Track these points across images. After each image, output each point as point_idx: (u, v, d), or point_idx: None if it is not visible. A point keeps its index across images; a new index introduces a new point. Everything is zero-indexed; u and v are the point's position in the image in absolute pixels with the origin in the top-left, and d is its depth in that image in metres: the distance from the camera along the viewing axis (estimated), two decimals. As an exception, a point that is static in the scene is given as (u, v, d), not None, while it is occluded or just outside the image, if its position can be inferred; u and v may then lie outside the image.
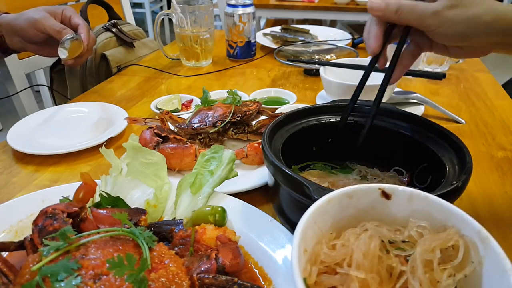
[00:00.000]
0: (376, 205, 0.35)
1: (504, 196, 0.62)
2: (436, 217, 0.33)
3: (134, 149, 0.56)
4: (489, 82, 1.05)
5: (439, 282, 0.29)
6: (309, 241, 0.32)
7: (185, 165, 0.64)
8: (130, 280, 0.35)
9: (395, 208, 0.35)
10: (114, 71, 1.14)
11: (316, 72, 1.07)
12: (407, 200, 0.35)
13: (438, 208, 0.33)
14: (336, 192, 0.35)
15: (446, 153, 0.50)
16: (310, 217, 0.32)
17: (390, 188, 0.35)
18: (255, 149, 0.65)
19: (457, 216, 0.32)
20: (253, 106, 0.74)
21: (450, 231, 0.32)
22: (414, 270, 0.29)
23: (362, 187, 0.35)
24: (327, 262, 0.31)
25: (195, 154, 0.63)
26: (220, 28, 1.89)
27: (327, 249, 0.32)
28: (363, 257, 0.30)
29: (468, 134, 0.80)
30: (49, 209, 0.43)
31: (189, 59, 1.18)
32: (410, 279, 0.29)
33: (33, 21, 0.84)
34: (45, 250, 0.37)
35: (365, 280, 0.29)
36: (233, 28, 1.16)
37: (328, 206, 0.34)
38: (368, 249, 0.30)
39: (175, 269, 0.38)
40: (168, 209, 0.53)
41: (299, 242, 0.30)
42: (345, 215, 0.35)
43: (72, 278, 0.34)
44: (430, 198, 0.34)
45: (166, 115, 0.75)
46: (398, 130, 0.57)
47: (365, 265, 0.30)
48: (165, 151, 0.63)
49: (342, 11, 2.26)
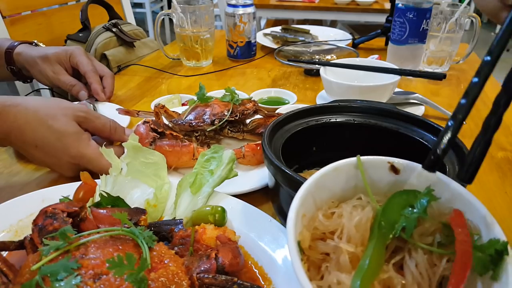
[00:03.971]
0: (383, 178, 0.34)
1: (504, 196, 0.62)
2: (444, 197, 0.32)
3: (134, 149, 0.56)
4: (489, 83, 1.04)
5: (436, 266, 0.28)
6: (309, 207, 0.32)
7: (182, 163, 0.63)
8: (130, 280, 0.35)
9: (402, 184, 0.34)
10: (114, 71, 1.14)
11: (316, 72, 1.07)
12: (416, 176, 0.33)
13: (446, 188, 0.32)
14: (343, 161, 0.34)
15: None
16: (312, 184, 0.32)
17: (399, 162, 0.34)
18: (253, 150, 0.65)
19: (465, 198, 0.31)
20: (250, 105, 0.74)
21: None
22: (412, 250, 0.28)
23: (371, 159, 0.34)
24: (320, 229, 0.31)
25: (193, 153, 0.63)
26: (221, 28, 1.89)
27: (323, 217, 0.31)
28: (355, 230, 0.29)
29: (468, 134, 0.80)
30: (49, 209, 0.43)
31: (190, 59, 1.18)
32: (407, 258, 0.28)
33: (46, 77, 0.86)
34: (45, 249, 0.37)
35: (355, 253, 0.28)
36: (233, 28, 1.16)
37: (334, 174, 0.33)
38: (360, 222, 0.30)
39: (175, 269, 0.38)
40: (168, 209, 0.53)
41: (298, 205, 0.30)
42: (351, 185, 0.34)
43: (72, 278, 0.34)
44: (439, 176, 0.33)
45: (161, 109, 0.73)
46: (398, 130, 0.57)
47: (356, 238, 0.29)
48: (162, 148, 0.62)
49: (342, 12, 2.26)
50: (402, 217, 0.29)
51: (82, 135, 0.60)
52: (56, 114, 0.59)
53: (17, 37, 1.14)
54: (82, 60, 0.86)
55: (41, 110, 0.58)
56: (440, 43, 1.06)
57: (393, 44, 1.08)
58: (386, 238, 0.29)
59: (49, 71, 0.85)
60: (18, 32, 1.16)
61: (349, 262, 0.28)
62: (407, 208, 0.30)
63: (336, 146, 0.59)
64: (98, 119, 0.64)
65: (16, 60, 0.88)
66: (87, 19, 1.15)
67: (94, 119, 0.64)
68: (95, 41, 1.12)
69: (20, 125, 0.57)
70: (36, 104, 0.59)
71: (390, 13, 1.25)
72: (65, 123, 0.59)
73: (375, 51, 1.27)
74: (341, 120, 0.59)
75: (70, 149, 0.59)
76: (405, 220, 0.29)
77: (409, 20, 1.02)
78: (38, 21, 1.22)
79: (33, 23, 1.21)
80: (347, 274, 0.28)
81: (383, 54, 1.15)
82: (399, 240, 0.29)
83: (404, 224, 0.29)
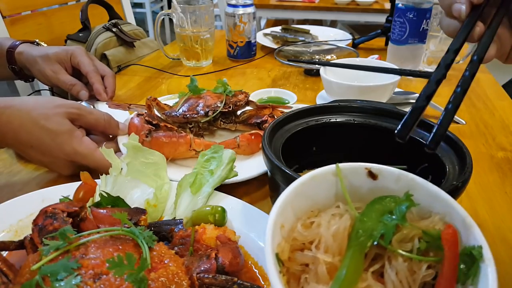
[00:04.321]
0: (362, 185, 0.34)
1: (504, 196, 0.62)
2: (423, 201, 0.32)
3: (134, 149, 0.56)
4: (489, 83, 1.05)
5: (416, 273, 0.27)
6: (288, 217, 0.31)
7: (179, 154, 0.63)
8: (130, 280, 0.35)
9: (381, 190, 0.33)
10: (114, 70, 1.14)
11: (316, 72, 1.07)
12: (394, 181, 0.33)
13: (425, 191, 0.32)
14: (322, 169, 0.33)
15: (446, 153, 0.50)
16: (291, 193, 0.31)
17: (377, 168, 0.34)
18: (248, 140, 0.65)
19: (444, 201, 0.31)
20: (242, 96, 0.74)
21: (434, 218, 0.30)
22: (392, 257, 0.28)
23: (348, 165, 0.34)
24: (299, 240, 0.30)
25: (190, 143, 0.62)
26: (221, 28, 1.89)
27: (301, 227, 0.31)
28: (332, 239, 0.29)
29: (468, 134, 0.80)
30: (49, 209, 0.43)
31: (190, 59, 1.18)
32: (387, 266, 0.28)
33: (46, 76, 0.85)
34: (45, 249, 0.37)
35: (333, 263, 0.28)
36: (233, 28, 1.16)
37: (312, 183, 0.33)
38: (337, 231, 0.29)
39: (175, 269, 0.38)
40: (168, 209, 0.53)
41: (276, 216, 0.29)
42: (332, 193, 0.34)
43: (72, 278, 0.34)
44: (417, 180, 0.32)
45: (153, 101, 0.73)
46: (398, 130, 0.57)
47: (333, 247, 0.29)
48: (159, 140, 0.61)
49: (342, 12, 2.26)
50: (380, 224, 0.29)
51: (74, 132, 0.61)
52: (48, 114, 0.59)
53: (17, 37, 1.14)
54: (83, 60, 0.86)
55: (34, 111, 0.59)
56: (440, 43, 1.06)
57: (393, 44, 1.08)
58: (364, 246, 0.28)
59: (48, 70, 0.84)
60: (18, 32, 1.16)
61: (327, 273, 0.27)
62: (386, 215, 0.30)
63: (336, 146, 0.59)
64: (91, 114, 0.64)
65: (18, 59, 0.88)
66: (87, 19, 1.15)
67: (87, 114, 0.64)
68: (95, 41, 1.12)
69: (14, 127, 0.57)
70: (29, 104, 0.60)
71: (390, 13, 1.25)
72: (57, 122, 0.59)
73: (375, 51, 1.27)
74: (341, 120, 0.59)
75: (64, 147, 0.59)
76: (384, 227, 0.28)
77: (409, 20, 1.02)
78: (38, 21, 1.22)
79: (33, 23, 1.21)
80: (325, 285, 0.27)
81: (383, 54, 1.15)
82: (379, 248, 0.29)
83: (382, 231, 0.28)
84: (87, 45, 1.13)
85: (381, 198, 0.32)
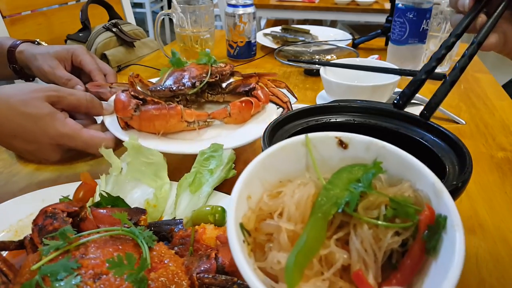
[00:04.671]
0: (333, 155, 0.33)
1: (504, 196, 0.62)
2: (394, 168, 0.31)
3: (134, 149, 0.56)
4: (489, 83, 1.05)
5: (382, 240, 0.27)
6: (256, 188, 0.31)
7: (170, 127, 0.61)
8: (130, 280, 0.35)
9: (352, 159, 0.33)
10: (114, 70, 1.14)
11: (316, 72, 1.07)
12: (364, 149, 0.33)
13: (395, 158, 0.31)
14: (290, 139, 0.33)
15: (446, 153, 0.50)
16: (258, 164, 0.31)
17: (347, 136, 0.33)
18: (239, 108, 0.64)
19: (414, 167, 0.30)
20: (227, 67, 0.73)
21: (403, 185, 0.30)
22: (357, 225, 0.27)
23: (318, 135, 0.33)
24: (265, 210, 0.30)
25: (181, 114, 0.61)
26: (221, 28, 1.89)
27: (267, 197, 0.30)
28: (295, 207, 0.28)
29: (468, 134, 0.80)
30: (49, 209, 0.43)
31: (190, 59, 1.18)
32: (352, 234, 0.27)
33: (43, 72, 0.83)
34: (45, 249, 0.37)
35: (295, 231, 0.27)
36: (233, 28, 1.16)
37: (281, 154, 0.32)
38: (301, 199, 0.29)
39: (174, 269, 0.38)
40: (168, 208, 0.53)
41: (242, 187, 0.29)
42: (303, 165, 0.33)
43: (72, 278, 0.34)
44: (387, 148, 0.32)
45: (135, 78, 0.70)
46: (398, 130, 0.57)
47: (296, 216, 0.28)
48: (149, 113, 0.59)
49: (342, 12, 2.26)
50: (347, 192, 0.28)
51: (56, 114, 0.59)
52: (27, 99, 0.58)
53: (17, 37, 1.14)
54: (86, 58, 0.86)
55: (12, 98, 0.57)
56: (440, 43, 1.06)
57: (393, 44, 1.08)
58: (328, 214, 0.28)
59: (46, 66, 0.82)
60: (18, 32, 1.16)
61: (289, 241, 0.27)
62: (354, 183, 0.29)
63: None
64: (72, 95, 0.62)
65: (18, 58, 0.88)
66: (87, 19, 1.15)
67: (67, 95, 0.62)
68: (95, 41, 1.12)
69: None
70: (6, 92, 0.58)
71: (390, 13, 1.25)
72: (37, 106, 0.58)
73: (375, 51, 1.27)
74: (341, 120, 0.59)
75: (47, 131, 0.58)
76: (350, 195, 0.28)
77: (409, 20, 1.02)
78: (38, 21, 1.22)
79: (33, 23, 1.21)
80: (286, 253, 0.26)
81: (383, 54, 1.15)
82: (345, 216, 0.28)
83: (347, 199, 0.28)
84: (87, 45, 1.13)
85: (350, 166, 0.31)
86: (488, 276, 0.48)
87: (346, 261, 0.26)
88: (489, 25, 0.48)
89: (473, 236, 0.54)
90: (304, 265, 0.26)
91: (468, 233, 0.55)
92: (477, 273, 0.48)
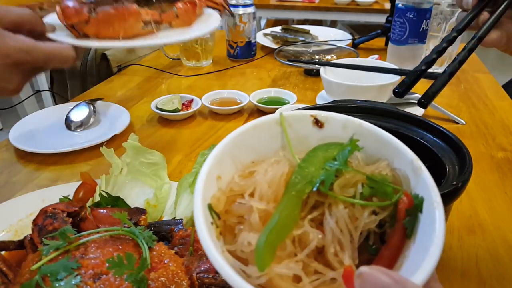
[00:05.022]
0: (309, 134, 0.32)
1: (504, 196, 0.62)
2: (372, 147, 0.30)
3: (134, 149, 0.56)
4: (489, 83, 1.05)
5: (358, 219, 0.26)
6: (227, 168, 0.29)
7: (128, 29, 0.56)
8: (130, 280, 0.35)
9: (329, 138, 0.32)
10: (114, 70, 1.14)
11: (316, 72, 1.07)
12: (341, 128, 0.31)
13: (373, 136, 0.30)
14: (264, 117, 0.32)
15: (446, 153, 0.50)
16: (229, 143, 0.29)
17: (323, 115, 0.32)
18: (185, 9, 0.60)
19: (391, 146, 0.29)
20: None
21: (380, 164, 0.29)
22: (333, 204, 0.26)
23: (293, 113, 0.32)
24: (236, 190, 0.28)
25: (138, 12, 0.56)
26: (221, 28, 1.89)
27: (239, 177, 0.29)
28: (267, 186, 0.27)
29: (468, 134, 0.80)
30: (49, 209, 0.43)
31: (190, 59, 1.18)
32: (327, 214, 0.26)
33: None
34: (45, 249, 0.37)
35: (267, 210, 0.26)
36: (233, 28, 1.16)
37: (254, 132, 0.31)
38: (273, 177, 0.27)
39: (174, 269, 0.38)
40: (168, 208, 0.53)
41: (211, 166, 0.28)
42: (278, 144, 0.32)
43: (72, 278, 0.34)
44: (365, 126, 0.31)
45: None
46: (398, 130, 0.57)
47: (268, 195, 0.27)
48: (107, 13, 0.54)
49: (342, 12, 2.26)
50: (322, 170, 0.27)
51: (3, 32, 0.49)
52: None
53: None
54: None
55: None
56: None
57: (393, 44, 1.08)
58: (302, 192, 0.26)
59: None
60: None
61: (260, 221, 0.25)
62: (329, 161, 0.28)
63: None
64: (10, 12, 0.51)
65: None
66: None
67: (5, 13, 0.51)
68: (95, 41, 1.12)
69: None
70: None
71: (390, 13, 1.25)
72: None
73: (375, 51, 1.27)
74: (341, 120, 0.59)
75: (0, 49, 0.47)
76: (325, 173, 0.27)
77: (409, 20, 1.02)
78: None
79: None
80: (257, 233, 0.25)
81: (383, 54, 1.15)
82: (320, 196, 0.27)
83: (323, 177, 0.26)
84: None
85: (326, 145, 0.30)
86: (488, 276, 0.48)
87: (321, 242, 0.25)
88: (491, 21, 0.48)
89: (473, 236, 0.54)
90: (276, 245, 0.24)
91: (468, 233, 0.55)
92: (477, 273, 0.48)
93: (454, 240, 0.53)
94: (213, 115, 0.88)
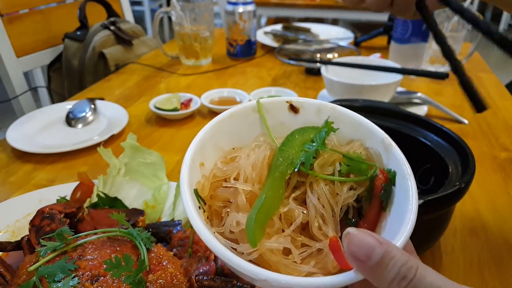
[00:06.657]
0: (285, 120, 0.34)
1: (507, 197, 0.61)
2: (344, 129, 0.32)
3: (132, 149, 0.55)
4: (492, 83, 1.05)
5: (338, 195, 0.28)
6: (209, 155, 0.31)
7: None
8: (128, 282, 0.34)
9: (304, 123, 0.33)
10: (112, 69, 1.13)
11: (317, 71, 1.06)
12: (315, 112, 0.33)
13: (346, 119, 0.32)
14: (241, 105, 0.33)
15: (449, 154, 0.50)
16: (209, 131, 0.31)
17: (298, 101, 0.34)
18: None
19: (364, 127, 0.32)
20: None
21: (354, 144, 0.31)
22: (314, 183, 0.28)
23: (270, 100, 0.34)
24: (219, 176, 0.30)
25: None
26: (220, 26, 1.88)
27: (221, 163, 0.30)
28: (251, 168, 0.29)
29: (471, 135, 0.79)
30: (46, 209, 0.42)
31: (189, 58, 1.18)
32: (309, 192, 0.28)
33: None
34: (42, 250, 0.36)
35: (253, 192, 0.28)
36: (233, 26, 1.15)
37: (232, 120, 0.33)
38: (257, 160, 0.29)
39: (173, 271, 0.38)
40: (167, 210, 0.53)
41: (193, 154, 0.29)
42: (257, 131, 0.34)
43: (69, 279, 0.34)
44: (338, 109, 0.33)
45: None
46: (401, 130, 0.56)
47: (253, 177, 0.28)
48: None
49: (344, 10, 2.25)
50: (301, 152, 0.29)
51: None
52: None
53: (15, 36, 1.14)
54: None
55: None
56: (442, 42, 1.05)
57: (395, 43, 1.07)
58: (285, 173, 0.28)
59: None
60: (15, 30, 1.15)
61: (247, 202, 0.27)
62: (307, 143, 0.30)
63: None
64: None
65: None
66: (85, 17, 1.14)
67: None
68: (93, 39, 1.11)
69: None
70: None
71: (391, 12, 1.24)
72: None
73: (377, 49, 1.26)
74: (343, 119, 0.59)
75: None
76: (304, 154, 0.29)
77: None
78: (36, 19, 1.21)
79: (31, 21, 1.20)
80: (245, 213, 0.27)
81: (385, 53, 1.15)
82: (301, 176, 0.29)
83: (303, 158, 0.29)
84: (84, 44, 1.12)
85: (302, 129, 0.32)
86: (490, 278, 0.47)
87: (305, 218, 0.27)
88: None
89: (476, 238, 0.53)
90: (264, 222, 0.26)
91: (471, 235, 0.54)
92: (480, 275, 0.48)
93: (457, 242, 0.53)
94: (213, 114, 0.88)
